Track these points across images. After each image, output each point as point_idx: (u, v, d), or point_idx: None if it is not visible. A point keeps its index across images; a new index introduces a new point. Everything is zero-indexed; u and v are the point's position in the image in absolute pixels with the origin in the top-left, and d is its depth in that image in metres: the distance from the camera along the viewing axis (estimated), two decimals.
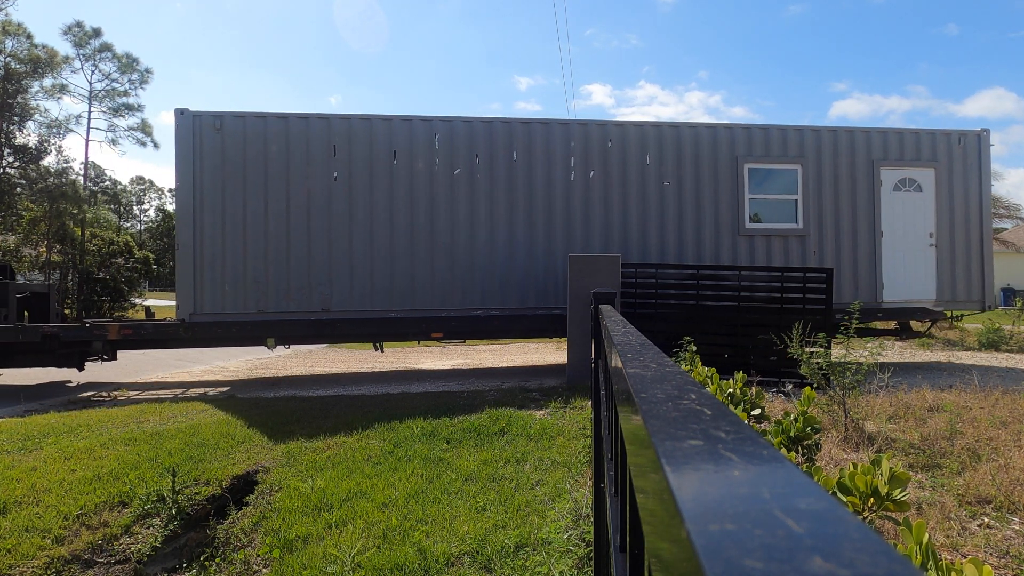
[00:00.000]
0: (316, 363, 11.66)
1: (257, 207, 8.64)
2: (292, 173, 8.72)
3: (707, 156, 9.38)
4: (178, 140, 8.64)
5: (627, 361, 0.87)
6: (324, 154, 8.78)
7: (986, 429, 4.80)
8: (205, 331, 8.49)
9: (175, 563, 4.17)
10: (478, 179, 9.01)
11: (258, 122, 8.71)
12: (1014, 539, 3.07)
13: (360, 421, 5.89)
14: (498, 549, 3.29)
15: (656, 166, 9.31)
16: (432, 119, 9.05)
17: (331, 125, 8.82)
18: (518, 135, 9.13)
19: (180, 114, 8.64)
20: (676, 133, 9.40)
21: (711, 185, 9.36)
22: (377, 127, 8.89)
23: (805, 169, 9.46)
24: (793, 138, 9.51)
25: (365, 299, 8.73)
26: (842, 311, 9.24)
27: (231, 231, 8.58)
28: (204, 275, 8.51)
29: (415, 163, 8.92)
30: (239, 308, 8.56)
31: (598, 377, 2.65)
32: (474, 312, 8.84)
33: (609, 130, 9.34)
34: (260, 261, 8.61)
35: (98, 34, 32.31)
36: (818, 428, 3.38)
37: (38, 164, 25.52)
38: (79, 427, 5.91)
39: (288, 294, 8.63)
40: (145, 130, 35.38)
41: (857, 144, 9.59)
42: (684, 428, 0.43)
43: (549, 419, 5.73)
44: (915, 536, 1.56)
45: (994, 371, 8.10)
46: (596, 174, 9.21)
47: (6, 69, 23.90)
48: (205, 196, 8.57)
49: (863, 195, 9.56)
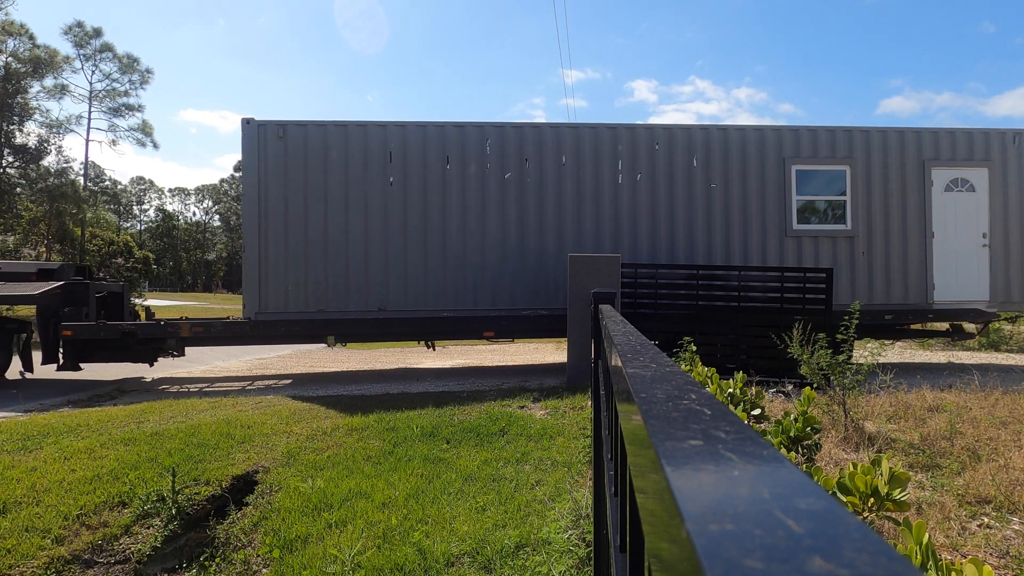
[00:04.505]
0: (316, 363, 11.67)
1: (317, 211, 8.99)
2: (350, 178, 9.05)
3: (754, 158, 9.41)
4: (244, 148, 9.04)
5: (627, 361, 0.87)
6: (381, 160, 9.11)
7: (986, 429, 4.80)
8: (270, 329, 8.86)
9: (175, 563, 4.17)
10: (528, 183, 9.23)
11: (318, 130, 9.05)
12: (1014, 539, 3.07)
13: (360, 421, 5.89)
14: (498, 549, 3.29)
15: (703, 168, 9.36)
16: (484, 124, 9.31)
17: (387, 132, 9.14)
18: (566, 139, 9.29)
19: (246, 123, 9.00)
20: (723, 135, 9.44)
21: (758, 187, 9.38)
22: (431, 133, 9.17)
23: (854, 170, 9.43)
24: (841, 139, 9.48)
25: (419, 299, 9.04)
26: (890, 311, 9.27)
27: (293, 234, 8.95)
28: (268, 276, 8.90)
29: (467, 168, 9.18)
30: (301, 307, 8.91)
31: (598, 377, 2.66)
32: (524, 312, 9.02)
33: (656, 133, 9.42)
34: (320, 263, 8.96)
35: (99, 34, 32.30)
36: (818, 428, 3.38)
37: (38, 164, 25.51)
38: (79, 427, 5.91)
39: (347, 294, 8.96)
40: (146, 130, 35.38)
41: (907, 144, 9.52)
42: (684, 428, 0.43)
43: (549, 419, 5.73)
44: (915, 536, 1.56)
45: (994, 371, 8.11)
46: (643, 177, 9.31)
47: (6, 69, 23.90)
48: (269, 201, 8.95)
49: (913, 195, 9.49)
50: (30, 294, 8.57)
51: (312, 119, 9.21)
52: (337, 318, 8.89)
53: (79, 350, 8.71)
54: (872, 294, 9.31)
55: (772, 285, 8.22)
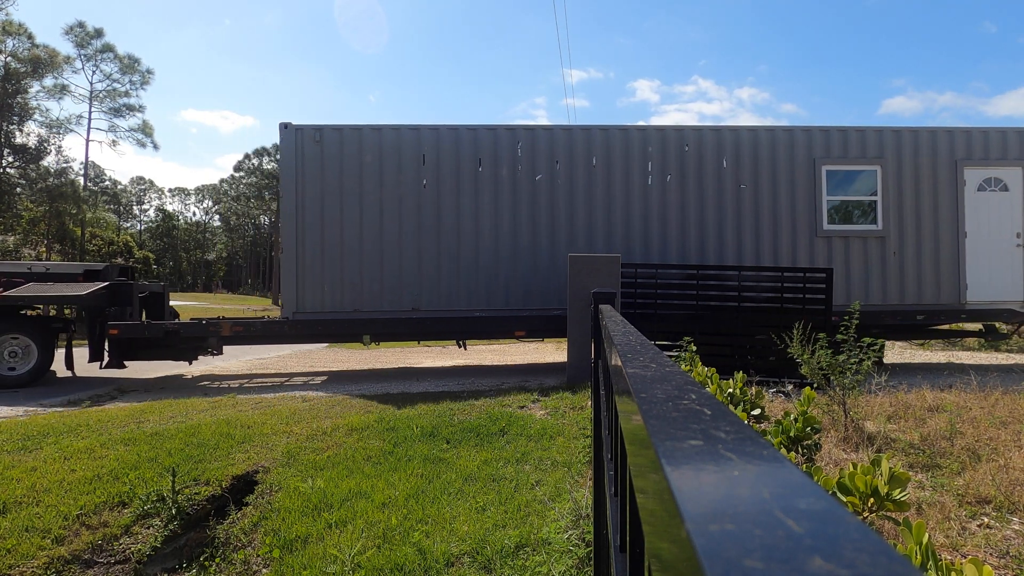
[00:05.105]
0: (316, 362, 11.67)
1: (353, 213, 9.19)
2: (385, 181, 9.24)
3: (784, 159, 9.42)
4: (282, 152, 9.27)
5: (627, 361, 0.87)
6: (414, 163, 9.28)
7: (986, 429, 4.80)
8: (307, 328, 9.06)
9: (175, 563, 4.17)
10: (558, 184, 9.33)
11: (354, 134, 9.24)
12: (1014, 539, 3.07)
13: (360, 420, 5.89)
14: (498, 549, 3.29)
15: (733, 169, 9.39)
16: (515, 127, 9.46)
17: (420, 135, 9.30)
18: (596, 142, 9.37)
19: (284, 128, 9.18)
20: (753, 136, 9.46)
21: (788, 187, 9.40)
22: (463, 136, 9.32)
23: (885, 170, 9.41)
24: (872, 139, 9.47)
25: (452, 299, 9.21)
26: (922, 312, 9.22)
27: (329, 235, 9.14)
28: (305, 276, 9.10)
29: (499, 170, 9.32)
30: (337, 307, 9.11)
31: (598, 377, 2.66)
32: (555, 312, 9.10)
33: (686, 135, 9.45)
34: (355, 263, 9.16)
35: (100, 34, 32.31)
36: (818, 428, 3.38)
37: (38, 164, 25.51)
38: (79, 427, 5.91)
39: (381, 294, 9.17)
40: (146, 131, 35.39)
41: (939, 143, 9.49)
42: (684, 428, 0.43)
43: (549, 419, 5.73)
44: (915, 536, 1.56)
45: (994, 371, 8.10)
46: (673, 178, 9.36)
47: (6, 69, 23.90)
48: (306, 203, 9.15)
49: (945, 195, 9.45)
50: (79, 294, 8.84)
51: (348, 123, 9.41)
52: (372, 318, 9.09)
53: (124, 348, 8.98)
54: (904, 294, 9.29)
55: (772, 285, 8.22)
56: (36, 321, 9.51)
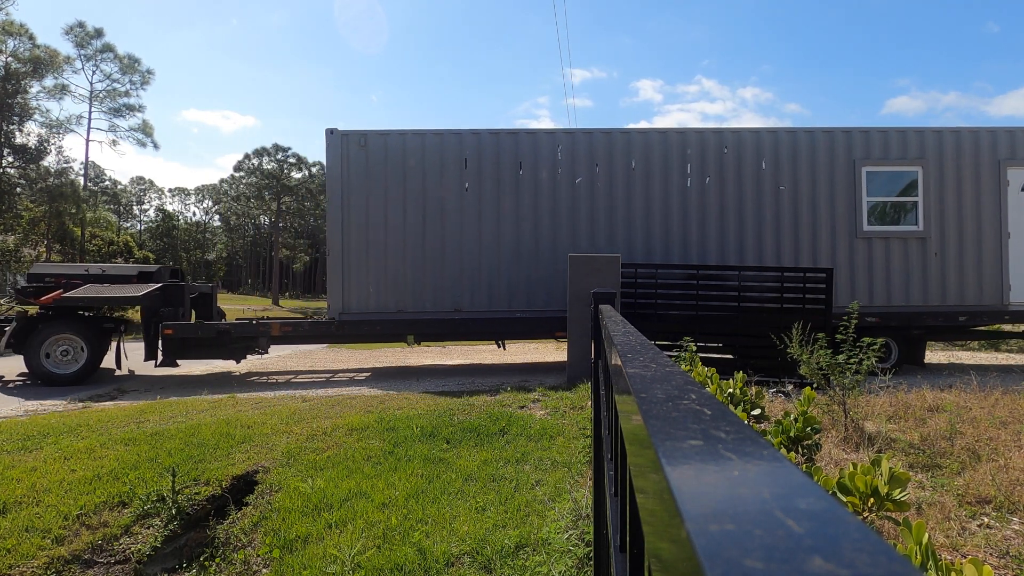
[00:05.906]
0: (316, 362, 11.67)
1: (396, 216, 9.39)
2: (427, 184, 9.43)
3: (823, 160, 9.42)
4: (328, 157, 9.45)
5: (627, 361, 0.87)
6: (456, 166, 9.45)
7: (986, 429, 4.80)
8: (353, 328, 9.27)
9: (175, 563, 4.17)
10: (598, 187, 9.44)
11: (398, 138, 9.43)
12: (1014, 539, 3.07)
13: (360, 420, 5.89)
14: (498, 549, 3.29)
15: (772, 171, 9.42)
16: (555, 131, 9.64)
17: (462, 139, 9.49)
18: (636, 144, 9.46)
19: (330, 133, 9.40)
20: (792, 138, 9.48)
21: (827, 189, 9.40)
22: (504, 140, 9.47)
23: (926, 170, 9.38)
24: (913, 139, 9.44)
25: (493, 300, 9.36)
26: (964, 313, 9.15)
27: (374, 238, 9.36)
28: (351, 278, 9.31)
29: (539, 173, 9.46)
30: (381, 308, 9.31)
31: (598, 377, 2.65)
32: None
33: (725, 137, 9.50)
34: (399, 265, 9.35)
35: (100, 35, 32.31)
36: (818, 428, 3.38)
37: (38, 164, 25.50)
38: (79, 427, 5.91)
39: (424, 295, 9.35)
40: (146, 131, 35.38)
41: (981, 144, 9.45)
42: (684, 428, 0.43)
43: (549, 419, 5.72)
44: (915, 536, 1.56)
45: (994, 371, 8.10)
46: (712, 180, 9.40)
47: (6, 69, 23.90)
48: (351, 207, 9.36)
49: (988, 196, 9.42)
50: (136, 296, 9.08)
51: (393, 128, 9.65)
52: (416, 318, 9.25)
53: (177, 347, 9.17)
54: (945, 295, 9.26)
55: (772, 285, 8.21)
56: (89, 321, 9.66)
